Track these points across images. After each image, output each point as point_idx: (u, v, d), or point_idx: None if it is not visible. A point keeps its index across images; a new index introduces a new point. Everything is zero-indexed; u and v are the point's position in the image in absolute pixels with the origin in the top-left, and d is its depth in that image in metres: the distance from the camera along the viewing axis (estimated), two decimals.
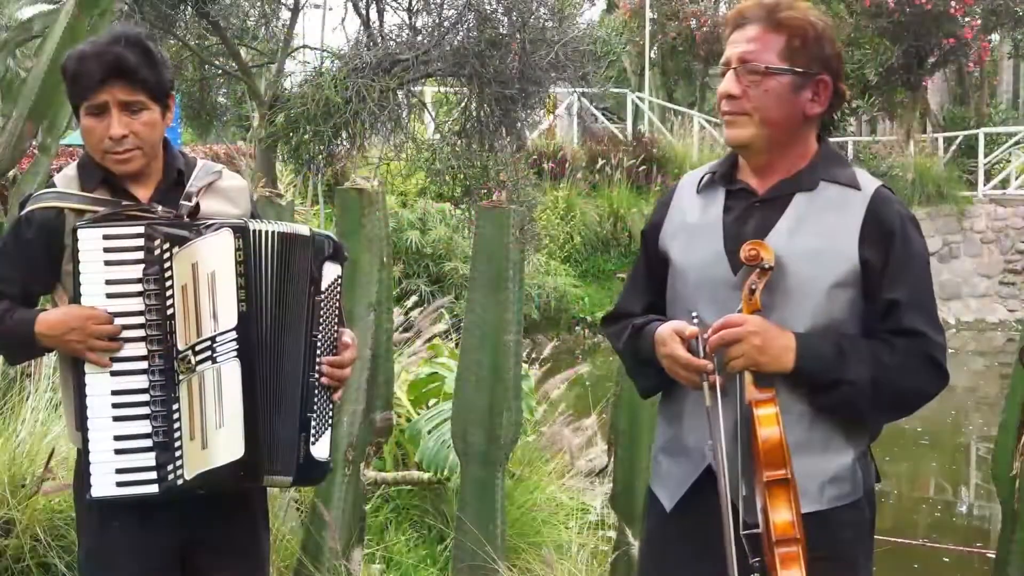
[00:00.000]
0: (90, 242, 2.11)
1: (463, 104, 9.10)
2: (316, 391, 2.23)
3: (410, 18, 8.93)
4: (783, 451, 1.91)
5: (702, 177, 2.15)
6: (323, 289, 2.23)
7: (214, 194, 2.29)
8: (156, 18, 9.03)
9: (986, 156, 19.09)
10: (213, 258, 2.10)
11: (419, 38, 8.74)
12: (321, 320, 2.23)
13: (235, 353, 2.08)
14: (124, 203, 2.20)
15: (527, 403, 4.45)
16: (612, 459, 3.49)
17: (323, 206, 10.50)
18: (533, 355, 6.98)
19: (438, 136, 9.69)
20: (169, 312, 2.10)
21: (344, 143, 8.93)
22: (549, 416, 5.36)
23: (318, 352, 2.23)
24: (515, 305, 3.32)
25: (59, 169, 2.42)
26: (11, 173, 4.99)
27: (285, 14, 10.61)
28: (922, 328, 1.99)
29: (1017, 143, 19.48)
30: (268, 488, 2.43)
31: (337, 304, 2.27)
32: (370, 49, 8.73)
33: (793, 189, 2.04)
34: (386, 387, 3.56)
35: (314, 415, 2.23)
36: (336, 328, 2.27)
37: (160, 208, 2.20)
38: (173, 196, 2.24)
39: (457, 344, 5.48)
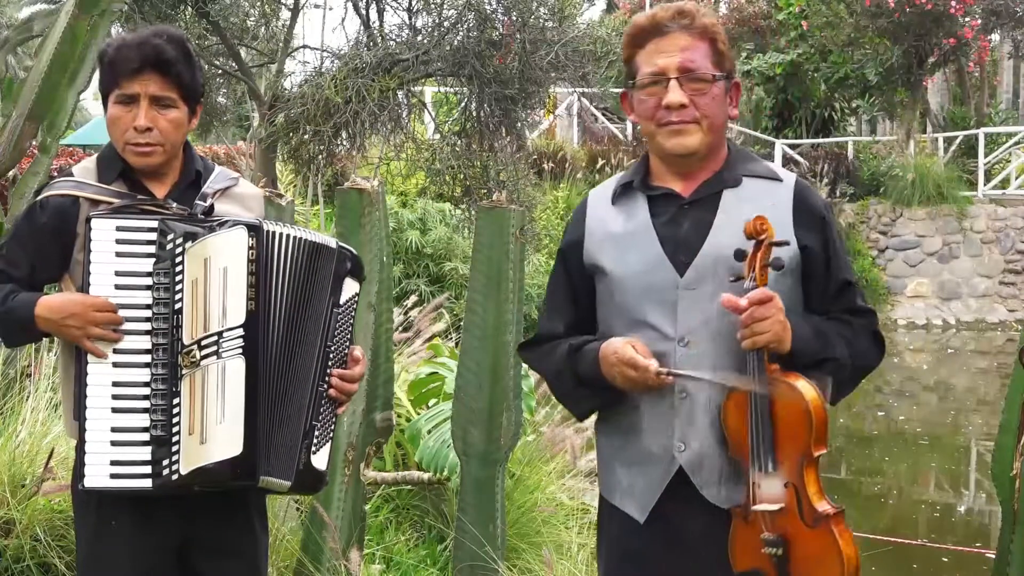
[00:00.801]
0: (103, 232, 2.12)
1: (463, 104, 9.09)
2: (323, 401, 2.24)
3: (410, 18, 8.93)
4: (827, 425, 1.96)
5: (615, 189, 2.15)
6: (341, 303, 2.26)
7: (229, 199, 2.31)
8: (156, 18, 9.03)
9: (986, 156, 19.08)
10: (225, 254, 2.11)
11: (419, 38, 8.74)
12: (336, 332, 2.25)
13: (240, 351, 2.08)
14: (139, 197, 2.21)
15: (527, 403, 4.45)
16: None
17: (323, 206, 10.49)
18: None
19: (438, 136, 9.69)
20: (177, 307, 2.11)
21: (344, 143, 8.92)
22: (549, 417, 5.36)
23: (329, 363, 2.24)
24: (515, 305, 3.32)
25: (59, 169, 2.42)
26: (11, 173, 4.99)
27: (285, 14, 10.62)
28: (868, 306, 2.11)
29: (1017, 143, 19.47)
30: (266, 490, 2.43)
31: (351, 319, 2.30)
32: (370, 49, 8.73)
33: (719, 187, 2.07)
34: (386, 387, 3.56)
35: (318, 424, 2.23)
36: (348, 343, 2.29)
37: (175, 205, 2.21)
38: (188, 196, 2.25)
39: (457, 344, 5.48)
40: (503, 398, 3.34)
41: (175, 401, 2.10)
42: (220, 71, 10.42)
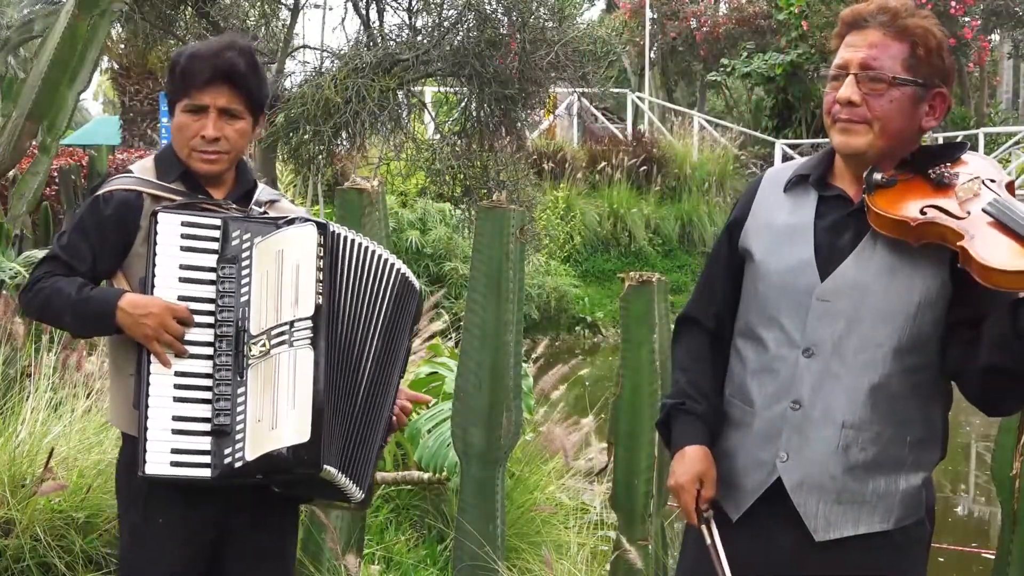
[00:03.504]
0: (169, 226, 2.16)
1: (463, 104, 9.09)
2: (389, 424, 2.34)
3: (410, 18, 8.93)
4: None
5: (791, 177, 2.07)
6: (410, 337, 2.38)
7: (275, 211, 2.36)
8: (156, 18, 9.04)
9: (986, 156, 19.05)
10: (298, 248, 2.17)
11: (419, 38, 8.74)
12: (406, 365, 2.36)
13: (310, 341, 2.12)
14: (200, 197, 2.27)
15: (526, 403, 4.45)
16: (612, 459, 3.49)
17: (323, 206, 10.49)
18: (532, 355, 6.98)
19: (438, 136, 9.69)
20: (243, 299, 2.16)
21: (344, 143, 8.93)
22: (548, 416, 5.36)
23: (397, 391, 2.34)
24: (515, 305, 3.32)
25: (59, 169, 2.44)
26: (11, 173, 5.00)
27: (285, 14, 10.61)
28: None
29: (1017, 143, 19.48)
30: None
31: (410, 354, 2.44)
32: (370, 49, 8.73)
33: None
34: None
35: (384, 445, 2.34)
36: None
37: (234, 206, 2.27)
38: (243, 204, 2.31)
39: (457, 344, 5.48)
40: (503, 398, 3.34)
41: (240, 391, 2.13)
42: None
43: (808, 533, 1.97)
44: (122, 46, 16.53)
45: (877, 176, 1.92)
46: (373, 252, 2.28)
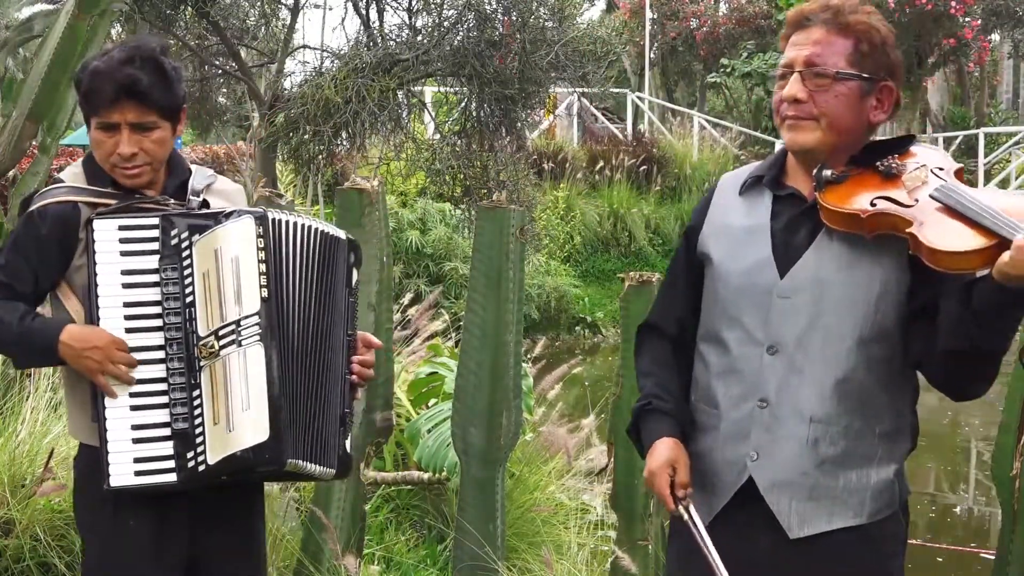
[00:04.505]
0: (106, 233, 2.12)
1: (463, 104, 9.09)
2: (349, 389, 2.30)
3: (410, 18, 8.92)
4: None
5: (745, 180, 2.09)
6: (353, 291, 2.32)
7: (214, 194, 2.32)
8: (156, 18, 9.03)
9: (986, 156, 19.08)
10: (235, 243, 2.12)
11: (419, 38, 8.73)
12: (355, 321, 2.31)
13: (258, 337, 2.10)
14: (136, 195, 2.22)
15: (526, 403, 4.45)
16: (612, 459, 3.49)
17: (323, 206, 10.49)
18: (532, 355, 6.98)
19: (438, 136, 9.68)
20: (188, 300, 2.12)
21: (344, 143, 8.92)
22: (548, 416, 5.36)
23: (351, 351, 2.30)
24: (515, 305, 3.32)
25: (59, 169, 2.42)
26: (11, 173, 4.99)
27: (285, 14, 10.61)
28: None
29: (1017, 143, 19.48)
30: (264, 492, 2.45)
31: (357, 307, 2.35)
32: (370, 49, 8.72)
33: None
34: (386, 387, 3.56)
35: (349, 412, 2.30)
36: (356, 329, 2.35)
37: (172, 201, 2.22)
38: (180, 195, 2.26)
39: (457, 344, 5.48)
40: (503, 398, 3.34)
41: (195, 393, 2.11)
42: (220, 71, 10.43)
43: (783, 531, 1.97)
44: None
45: (827, 173, 1.95)
46: (311, 228, 2.21)
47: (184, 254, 2.13)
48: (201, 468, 2.09)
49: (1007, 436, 2.72)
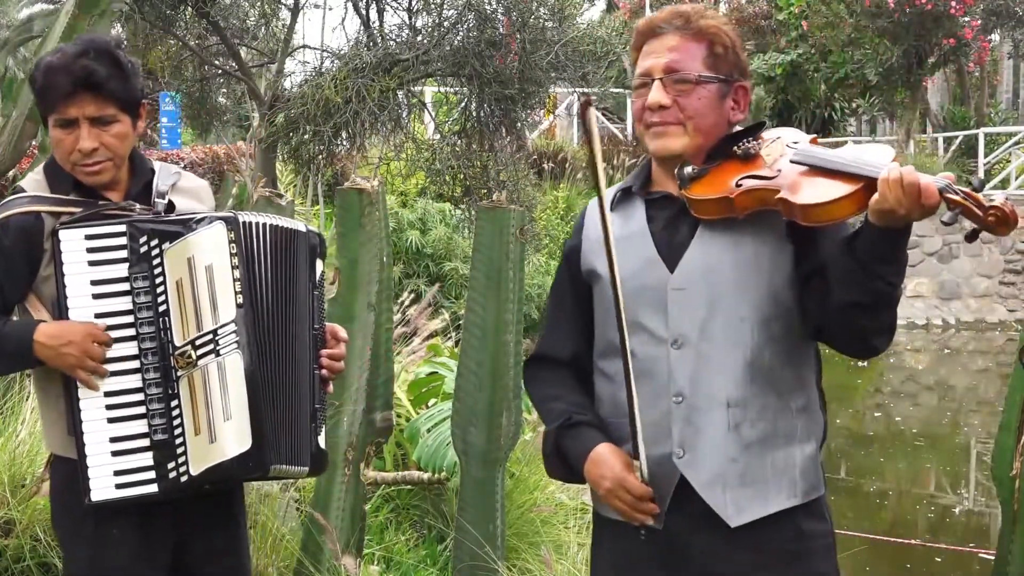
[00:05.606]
0: (73, 243, 2.09)
1: (463, 104, 9.09)
2: (319, 383, 2.28)
3: (410, 18, 8.92)
4: None
5: (615, 194, 2.12)
6: (318, 284, 2.28)
7: (180, 193, 2.28)
8: (156, 18, 9.03)
9: (986, 156, 19.09)
10: (208, 251, 2.09)
11: (419, 38, 8.73)
12: (321, 315, 2.28)
13: (236, 345, 2.08)
14: (101, 203, 2.17)
15: (526, 403, 4.45)
16: None
17: (323, 206, 10.50)
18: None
19: (438, 136, 9.69)
20: (162, 308, 2.10)
21: (344, 143, 8.92)
22: None
23: (319, 346, 2.27)
24: (515, 305, 3.32)
25: None
26: (11, 173, 4.99)
27: (285, 14, 10.61)
28: None
29: (1017, 143, 19.48)
30: (245, 493, 2.44)
31: (323, 299, 2.33)
32: (370, 49, 8.73)
33: None
34: (386, 387, 3.56)
35: (320, 407, 2.27)
36: (324, 322, 2.32)
37: (138, 207, 2.19)
38: (145, 197, 2.22)
39: (457, 343, 5.48)
40: (503, 398, 3.34)
41: (174, 403, 2.09)
42: (220, 71, 10.43)
43: (723, 524, 1.96)
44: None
45: (688, 169, 1.99)
46: (275, 227, 2.18)
47: (155, 262, 2.10)
48: (184, 479, 2.08)
49: (1007, 436, 2.72)
